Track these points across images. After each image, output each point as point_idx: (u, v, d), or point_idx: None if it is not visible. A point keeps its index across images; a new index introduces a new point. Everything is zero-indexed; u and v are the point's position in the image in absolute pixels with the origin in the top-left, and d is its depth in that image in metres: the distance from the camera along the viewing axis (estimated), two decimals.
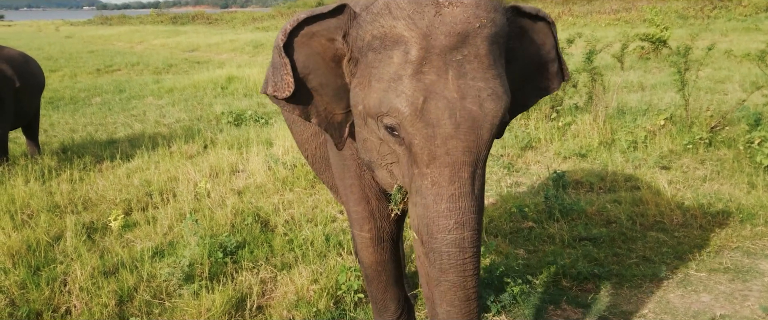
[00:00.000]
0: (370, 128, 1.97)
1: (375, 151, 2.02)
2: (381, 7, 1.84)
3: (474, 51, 1.79)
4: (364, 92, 1.92)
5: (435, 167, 1.81)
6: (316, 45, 2.00)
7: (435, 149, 1.79)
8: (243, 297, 3.43)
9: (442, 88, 1.77)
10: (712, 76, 9.97)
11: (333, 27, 1.98)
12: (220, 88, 12.02)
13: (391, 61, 1.82)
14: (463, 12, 1.77)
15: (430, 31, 1.76)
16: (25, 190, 5.19)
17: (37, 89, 6.90)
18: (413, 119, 1.78)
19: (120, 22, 49.83)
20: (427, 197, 1.83)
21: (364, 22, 1.89)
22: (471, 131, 1.79)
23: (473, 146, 1.81)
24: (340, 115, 2.13)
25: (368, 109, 1.90)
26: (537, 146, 6.41)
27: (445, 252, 1.84)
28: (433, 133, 1.78)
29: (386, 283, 2.67)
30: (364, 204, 2.47)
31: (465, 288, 1.88)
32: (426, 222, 1.86)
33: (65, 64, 18.20)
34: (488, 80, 1.81)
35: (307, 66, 2.01)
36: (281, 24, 33.88)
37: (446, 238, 1.83)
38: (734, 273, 3.61)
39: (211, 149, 6.81)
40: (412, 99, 1.77)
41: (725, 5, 22.22)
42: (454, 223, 1.82)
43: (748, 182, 4.88)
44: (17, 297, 3.48)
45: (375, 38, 1.85)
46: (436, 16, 1.77)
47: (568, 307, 3.31)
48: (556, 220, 4.36)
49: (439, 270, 1.88)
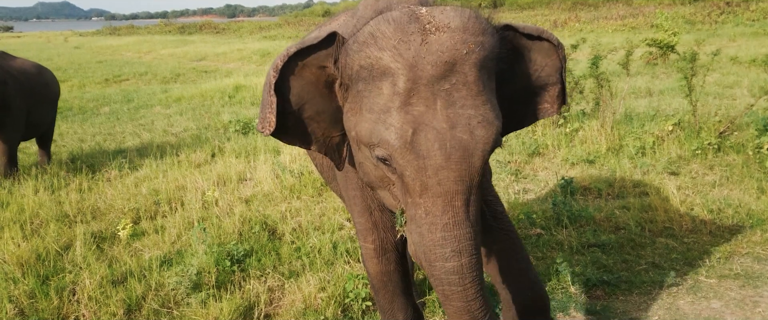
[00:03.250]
0: (363, 153, 1.97)
1: (372, 174, 2.01)
2: (366, 37, 1.82)
3: (462, 79, 1.77)
4: (355, 118, 1.91)
5: (427, 197, 1.79)
6: (307, 75, 1.99)
7: (426, 180, 1.77)
8: (251, 305, 3.43)
9: (430, 119, 1.75)
10: (720, 81, 9.92)
11: (323, 56, 1.96)
12: (228, 97, 12.08)
13: (380, 93, 1.80)
14: (449, 38, 1.75)
15: (416, 61, 1.74)
16: (34, 200, 5.22)
17: (51, 100, 6.96)
18: (403, 151, 1.77)
19: (128, 32, 50.23)
20: (422, 226, 1.82)
21: (351, 51, 1.86)
22: (462, 160, 1.77)
23: (465, 175, 1.78)
24: (337, 137, 2.13)
25: (360, 138, 1.90)
26: (544, 153, 6.40)
27: (444, 279, 1.84)
28: (423, 164, 1.76)
29: (393, 293, 2.66)
30: (367, 215, 2.47)
31: (470, 310, 1.88)
32: (423, 250, 1.86)
33: (74, 75, 18.35)
34: (478, 107, 1.79)
35: (301, 97, 2.01)
36: (288, 33, 34.19)
37: (445, 266, 1.82)
38: (745, 279, 3.58)
39: (218, 157, 6.84)
40: (401, 132, 1.75)
41: (733, 10, 22.18)
42: (450, 251, 1.81)
43: (757, 187, 4.84)
44: (26, 306, 3.50)
45: (363, 68, 1.83)
46: (422, 45, 1.74)
47: (577, 314, 3.29)
48: (565, 227, 4.34)
49: (442, 296, 1.89)
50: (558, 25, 24.96)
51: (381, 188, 2.05)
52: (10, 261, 4.01)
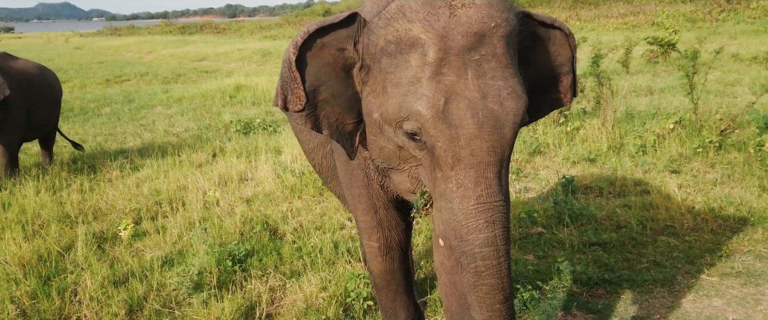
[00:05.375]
0: (387, 135, 1.94)
1: (395, 157, 1.99)
2: (394, 11, 1.83)
3: (491, 50, 1.78)
4: (379, 99, 1.90)
5: (460, 169, 1.76)
6: (326, 56, 1.97)
7: (459, 151, 1.75)
8: (252, 305, 3.44)
9: (462, 88, 1.75)
10: (721, 79, 9.92)
11: (343, 36, 1.95)
12: (229, 97, 12.09)
13: (408, 65, 1.80)
14: (477, 12, 1.77)
15: (446, 32, 1.75)
16: (35, 200, 5.23)
17: (54, 100, 6.96)
18: (435, 121, 1.75)
19: (129, 32, 50.24)
20: (453, 200, 1.78)
21: (376, 28, 1.87)
22: (494, 130, 1.76)
23: (497, 146, 1.77)
24: (351, 124, 2.10)
25: (386, 115, 1.87)
26: (545, 151, 6.39)
27: (478, 253, 1.77)
28: (456, 134, 1.74)
29: (395, 292, 2.66)
30: (371, 214, 2.46)
31: (503, 289, 1.81)
32: (454, 226, 1.80)
33: (75, 76, 18.36)
34: (507, 78, 1.80)
35: (318, 78, 1.99)
36: (289, 33, 34.16)
37: (478, 238, 1.76)
38: (746, 277, 3.58)
39: (219, 157, 6.84)
40: (434, 101, 1.74)
41: (734, 8, 22.14)
42: (483, 222, 1.76)
43: (758, 185, 4.84)
44: (28, 307, 3.50)
45: (390, 43, 1.83)
46: (451, 18, 1.76)
47: (578, 313, 3.29)
48: (566, 225, 4.34)
49: (474, 273, 1.80)
50: None
51: (400, 172, 2.03)
52: (12, 261, 4.01)
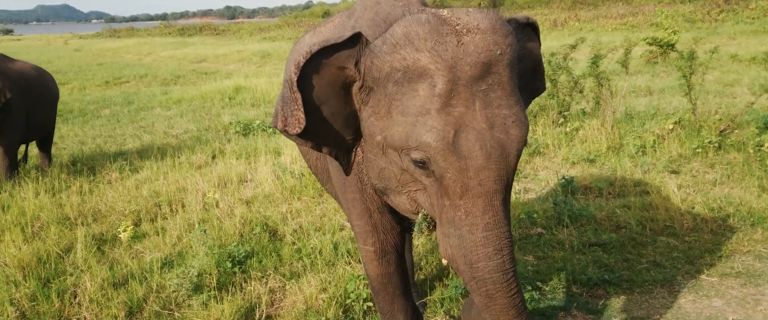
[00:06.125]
0: (389, 158, 1.95)
1: (394, 179, 2.00)
2: (400, 38, 1.81)
3: (497, 79, 1.80)
4: (382, 122, 1.90)
5: (468, 199, 1.81)
6: (327, 75, 1.95)
7: (468, 181, 1.79)
8: (252, 306, 3.43)
9: (470, 119, 1.77)
10: (720, 79, 9.93)
11: (345, 56, 1.92)
12: (228, 98, 12.08)
13: (416, 95, 1.79)
14: (483, 40, 1.77)
15: (455, 62, 1.75)
16: (35, 202, 5.22)
17: (51, 102, 6.96)
18: (445, 153, 1.77)
19: (128, 34, 50.27)
20: (462, 228, 1.84)
21: (381, 53, 1.85)
22: (501, 159, 1.80)
23: (503, 174, 1.82)
24: (349, 141, 2.11)
25: (391, 141, 1.88)
26: (545, 152, 6.39)
27: (489, 279, 1.86)
28: (465, 165, 1.77)
29: (393, 295, 2.66)
30: (366, 218, 2.45)
31: (515, 306, 1.90)
32: (463, 253, 1.86)
33: (74, 77, 18.36)
34: (511, 106, 1.83)
35: (319, 97, 1.97)
36: (288, 34, 34.16)
37: (489, 265, 1.84)
38: (746, 278, 3.58)
39: (219, 159, 6.84)
40: (444, 133, 1.76)
41: (733, 8, 22.17)
42: (492, 250, 1.84)
43: (758, 185, 4.84)
44: (28, 309, 3.50)
45: (396, 70, 1.82)
46: (458, 46, 1.76)
47: (578, 313, 3.29)
48: (566, 226, 4.34)
49: (485, 296, 1.89)
50: (558, 24, 24.97)
51: (399, 194, 2.04)
52: (12, 263, 4.01)
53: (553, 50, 7.55)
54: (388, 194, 2.12)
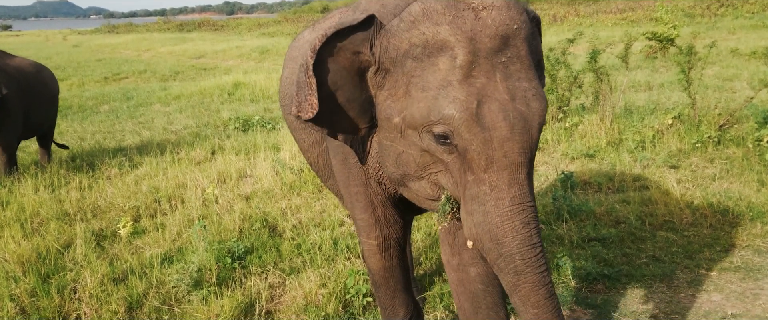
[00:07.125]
0: (409, 140, 1.92)
1: (413, 163, 1.96)
2: (418, 14, 1.82)
3: (516, 52, 1.81)
4: (400, 103, 1.89)
5: (493, 172, 1.77)
6: (342, 60, 1.93)
7: (492, 153, 1.76)
8: (252, 302, 3.44)
9: (493, 90, 1.76)
10: (719, 74, 9.91)
11: (360, 39, 1.91)
12: (227, 94, 12.07)
13: (436, 68, 1.79)
14: (499, 15, 1.79)
15: (474, 34, 1.76)
16: (34, 198, 5.22)
17: (50, 99, 6.95)
18: (469, 124, 1.75)
19: (127, 30, 50.12)
20: (487, 202, 1.79)
21: (398, 31, 1.85)
22: (524, 131, 1.78)
23: (527, 147, 1.79)
24: (365, 129, 2.08)
25: (411, 119, 1.86)
26: (544, 147, 6.39)
27: (516, 253, 1.79)
28: (489, 136, 1.75)
29: (394, 289, 2.66)
30: (370, 212, 2.45)
31: (545, 283, 1.83)
32: (489, 229, 1.80)
33: (73, 73, 18.35)
34: (531, 79, 1.83)
35: (335, 82, 1.95)
36: (287, 30, 34.11)
37: (516, 239, 1.78)
38: (745, 272, 3.59)
39: (218, 154, 6.84)
40: (467, 104, 1.74)
41: (732, 3, 22.14)
42: (520, 223, 1.78)
43: (757, 180, 4.85)
44: (28, 305, 3.50)
45: (415, 46, 1.82)
46: (476, 20, 1.77)
47: (578, 308, 3.29)
48: (565, 221, 4.34)
49: (514, 274, 1.81)
50: (557, 19, 24.92)
51: (419, 179, 2.01)
52: (11, 259, 4.01)
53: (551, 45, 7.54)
54: (406, 182, 2.08)
